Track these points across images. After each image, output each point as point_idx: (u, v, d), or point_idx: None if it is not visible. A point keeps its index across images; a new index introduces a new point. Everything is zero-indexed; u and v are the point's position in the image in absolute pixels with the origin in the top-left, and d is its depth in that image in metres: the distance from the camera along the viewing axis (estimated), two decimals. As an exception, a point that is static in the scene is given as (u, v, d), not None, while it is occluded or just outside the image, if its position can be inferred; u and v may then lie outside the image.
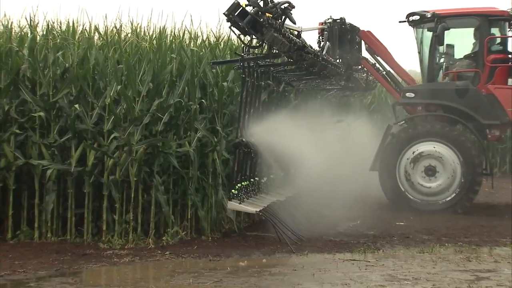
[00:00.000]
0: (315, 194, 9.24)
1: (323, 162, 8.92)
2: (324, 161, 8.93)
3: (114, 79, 7.72)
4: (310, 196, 9.15)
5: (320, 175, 9.07)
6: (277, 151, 8.32)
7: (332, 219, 9.11)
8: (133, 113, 7.65)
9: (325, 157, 8.95)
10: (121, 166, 7.63)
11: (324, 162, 8.93)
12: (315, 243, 7.89)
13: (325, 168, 9.00)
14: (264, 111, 8.37)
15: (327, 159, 9.01)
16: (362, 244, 7.88)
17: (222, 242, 7.90)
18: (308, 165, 8.57)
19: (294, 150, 8.19)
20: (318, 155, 8.63)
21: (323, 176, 9.17)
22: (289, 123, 8.23)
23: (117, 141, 7.66)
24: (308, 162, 8.48)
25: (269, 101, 8.72)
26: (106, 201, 7.67)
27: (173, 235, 7.78)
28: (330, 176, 9.33)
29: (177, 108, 8.04)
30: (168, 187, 7.97)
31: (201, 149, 8.22)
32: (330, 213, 9.37)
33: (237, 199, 7.53)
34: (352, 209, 9.65)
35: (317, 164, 8.73)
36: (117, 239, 7.56)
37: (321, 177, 9.14)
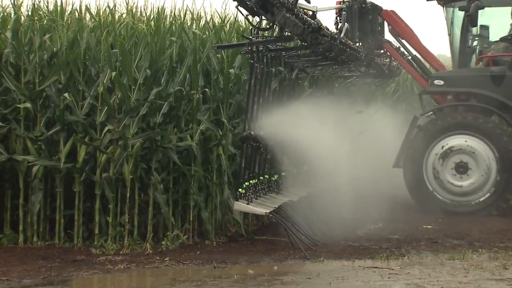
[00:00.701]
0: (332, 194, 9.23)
1: (341, 158, 8.91)
2: (341, 157, 8.92)
3: (108, 65, 7.72)
4: (326, 196, 9.20)
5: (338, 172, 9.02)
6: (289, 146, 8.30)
7: (351, 221, 9.11)
8: (128, 103, 7.64)
9: (343, 153, 8.94)
10: (115, 162, 7.64)
11: (341, 158, 8.92)
12: (332, 248, 7.88)
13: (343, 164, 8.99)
14: (274, 101, 8.38)
15: (345, 154, 9.00)
16: (385, 249, 7.85)
17: (228, 247, 7.90)
18: (324, 162, 8.57)
19: (308, 144, 8.19)
20: (335, 150, 8.62)
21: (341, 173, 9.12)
22: (303, 115, 8.23)
23: (110, 135, 7.66)
24: (324, 158, 8.48)
25: (280, 90, 8.71)
26: (99, 201, 7.67)
27: (173, 239, 7.79)
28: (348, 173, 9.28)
29: (177, 97, 8.03)
30: (168, 186, 7.98)
31: (205, 143, 8.23)
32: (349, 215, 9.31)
33: (245, 199, 7.54)
34: (374, 210, 9.55)
35: (334, 160, 8.72)
36: (111, 243, 7.57)
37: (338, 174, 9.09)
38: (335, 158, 8.70)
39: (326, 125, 8.49)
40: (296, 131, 8.06)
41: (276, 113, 8.07)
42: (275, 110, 8.12)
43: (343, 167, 9.05)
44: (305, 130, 8.09)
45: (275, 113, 8.06)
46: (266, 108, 8.01)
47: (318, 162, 8.62)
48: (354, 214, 9.40)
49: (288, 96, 8.91)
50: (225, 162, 8.17)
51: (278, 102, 8.44)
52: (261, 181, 8.08)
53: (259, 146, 7.81)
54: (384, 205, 10.05)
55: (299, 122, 8.13)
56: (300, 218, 8.15)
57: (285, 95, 8.86)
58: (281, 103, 8.46)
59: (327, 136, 8.40)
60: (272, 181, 8.47)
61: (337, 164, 8.79)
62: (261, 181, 8.08)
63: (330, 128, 8.55)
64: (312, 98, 9.40)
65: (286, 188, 8.83)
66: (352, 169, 9.40)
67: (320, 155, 8.42)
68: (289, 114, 8.13)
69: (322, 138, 8.30)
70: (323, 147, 8.36)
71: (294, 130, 8.06)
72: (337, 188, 9.29)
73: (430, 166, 10.39)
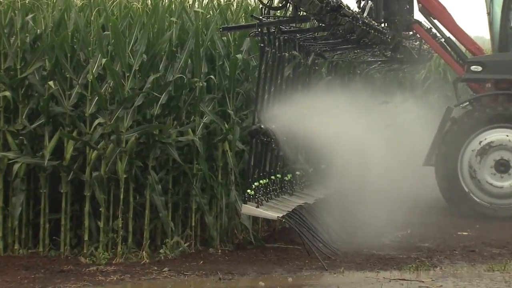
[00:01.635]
0: (353, 196, 9.23)
1: (363, 155, 8.90)
2: (364, 153, 8.91)
3: (98, 50, 7.69)
4: (346, 198, 9.18)
5: (360, 171, 9.03)
6: (304, 141, 8.34)
7: (375, 227, 9.09)
8: (122, 93, 7.63)
9: (366, 149, 8.92)
10: (107, 160, 7.63)
11: (364, 155, 8.91)
12: (353, 258, 7.88)
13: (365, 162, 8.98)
14: (288, 90, 8.36)
15: (368, 151, 8.98)
16: (414, 259, 7.84)
17: (235, 256, 7.91)
18: (344, 159, 8.56)
19: (326, 139, 8.18)
20: (356, 146, 8.60)
21: (364, 172, 9.12)
22: (320, 106, 8.21)
23: (102, 128, 7.65)
24: (344, 155, 8.47)
25: (294, 78, 8.68)
26: (88, 204, 7.67)
27: (172, 247, 7.79)
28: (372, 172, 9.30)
29: (177, 86, 8.03)
30: (167, 186, 7.98)
31: (209, 138, 8.24)
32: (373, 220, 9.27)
33: (254, 202, 7.55)
34: (401, 214, 9.56)
35: (356, 157, 8.71)
36: (103, 252, 7.56)
37: (361, 174, 9.06)
38: (357, 155, 8.69)
39: (346, 118, 8.45)
40: (312, 125, 8.05)
41: (289, 104, 8.07)
42: (289, 100, 8.12)
43: (366, 166, 9.01)
44: (322, 124, 8.08)
45: (289, 104, 8.05)
46: (279, 98, 8.01)
47: (337, 159, 8.61)
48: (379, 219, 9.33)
49: (303, 84, 8.90)
50: (231, 159, 8.16)
51: (292, 91, 8.42)
52: (273, 181, 8.08)
53: (270, 141, 7.79)
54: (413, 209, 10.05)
55: (315, 114, 8.13)
56: (317, 223, 8.14)
57: (300, 83, 8.86)
58: (296, 92, 8.45)
59: (347, 130, 8.38)
60: (285, 181, 8.46)
61: (359, 162, 8.81)
62: (273, 181, 8.08)
63: (350, 121, 8.52)
64: (331, 87, 9.41)
65: (301, 189, 8.85)
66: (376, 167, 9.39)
67: (339, 152, 8.40)
68: (305, 105, 8.12)
69: (342, 133, 8.28)
70: (343, 143, 8.34)
71: (310, 123, 8.05)
72: (359, 189, 9.30)
73: (466, 164, 10.41)
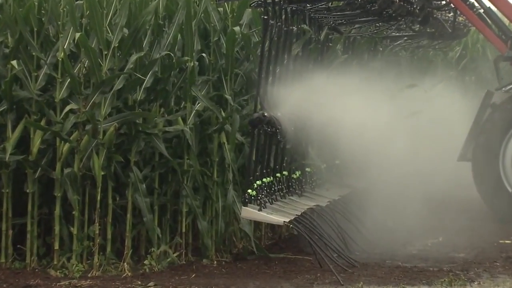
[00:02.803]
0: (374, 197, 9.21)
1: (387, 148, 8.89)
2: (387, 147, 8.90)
3: (71, 23, 7.70)
4: (366, 199, 9.17)
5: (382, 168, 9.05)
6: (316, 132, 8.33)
7: (400, 234, 9.09)
8: (99, 74, 7.65)
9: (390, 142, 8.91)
10: (81, 154, 7.66)
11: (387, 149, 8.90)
12: (374, 270, 7.89)
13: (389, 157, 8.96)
14: (296, 70, 8.37)
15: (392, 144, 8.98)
16: (447, 272, 7.82)
17: (234, 269, 7.94)
18: (363, 153, 8.59)
19: (341, 130, 8.19)
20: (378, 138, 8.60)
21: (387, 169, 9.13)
22: (335, 90, 8.20)
23: (75, 117, 7.67)
24: (363, 148, 8.49)
25: (304, 56, 8.67)
26: (59, 206, 7.67)
27: (159, 257, 7.84)
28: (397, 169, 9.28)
29: (165, 66, 8.05)
30: (152, 186, 8.03)
31: (202, 128, 8.28)
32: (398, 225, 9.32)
33: (256, 204, 7.59)
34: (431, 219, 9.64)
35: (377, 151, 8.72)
36: (76, 263, 7.59)
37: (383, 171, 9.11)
38: (378, 149, 8.72)
39: (366, 105, 8.46)
40: (325, 112, 8.10)
41: (298, 87, 8.10)
42: (297, 83, 8.16)
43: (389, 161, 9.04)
44: (337, 111, 8.11)
45: (297, 88, 8.09)
46: (285, 80, 8.05)
47: (354, 154, 8.63)
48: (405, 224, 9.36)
49: (315, 64, 8.90)
50: (229, 153, 8.20)
51: (301, 72, 8.42)
52: (278, 179, 8.13)
53: (275, 132, 7.83)
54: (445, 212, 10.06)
55: (329, 100, 8.14)
56: (331, 229, 8.17)
57: (311, 63, 8.86)
58: (305, 73, 8.45)
59: (366, 119, 8.40)
60: (292, 179, 8.50)
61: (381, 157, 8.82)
62: (278, 179, 8.13)
63: (370, 108, 8.53)
64: (347, 68, 9.39)
65: (312, 189, 8.88)
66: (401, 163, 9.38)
67: (357, 145, 8.44)
68: (316, 89, 8.14)
69: (360, 122, 8.31)
70: (362, 134, 8.38)
71: (323, 111, 8.09)
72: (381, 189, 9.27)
73: (509, 159, 10.49)
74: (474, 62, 14.89)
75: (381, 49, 11.38)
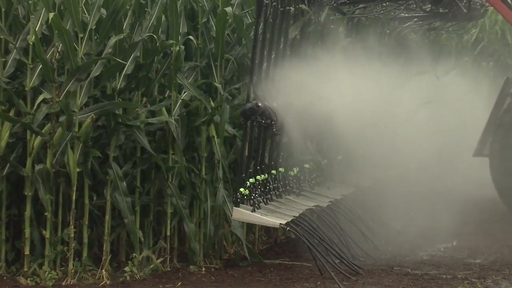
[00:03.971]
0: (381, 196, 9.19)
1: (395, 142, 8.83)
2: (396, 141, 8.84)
3: (43, 2, 7.64)
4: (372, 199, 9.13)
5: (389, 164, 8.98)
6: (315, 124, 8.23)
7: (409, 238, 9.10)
8: (74, 60, 7.58)
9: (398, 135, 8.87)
10: (54, 149, 7.59)
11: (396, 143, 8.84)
12: (380, 278, 7.86)
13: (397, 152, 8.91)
14: (294, 55, 8.28)
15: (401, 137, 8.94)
16: (462, 280, 7.81)
17: (224, 276, 7.90)
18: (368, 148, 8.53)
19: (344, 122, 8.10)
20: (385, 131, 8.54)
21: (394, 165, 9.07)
22: (337, 77, 8.15)
23: (47, 107, 7.61)
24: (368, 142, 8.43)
25: (302, 39, 8.59)
26: (30, 206, 7.61)
27: (141, 263, 7.80)
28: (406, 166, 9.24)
29: (147, 51, 7.99)
30: (134, 184, 7.98)
31: (189, 120, 8.23)
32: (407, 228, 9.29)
33: (249, 204, 7.53)
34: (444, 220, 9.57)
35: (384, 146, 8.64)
36: (49, 270, 7.54)
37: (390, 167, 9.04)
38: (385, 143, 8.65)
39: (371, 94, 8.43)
40: (326, 102, 8.03)
41: (296, 74, 8.00)
42: (295, 70, 8.04)
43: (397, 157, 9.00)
44: (339, 101, 8.03)
45: (295, 75, 7.99)
46: (281, 67, 7.95)
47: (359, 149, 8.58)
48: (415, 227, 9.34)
49: (315, 48, 8.79)
50: (219, 148, 8.17)
51: (300, 57, 8.34)
52: (274, 177, 8.06)
53: (270, 124, 7.77)
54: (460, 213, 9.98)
55: (330, 88, 8.07)
56: (333, 232, 8.15)
57: (310, 47, 8.76)
58: (304, 59, 8.36)
59: (372, 110, 8.35)
60: (289, 177, 8.43)
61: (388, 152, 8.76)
62: (274, 177, 8.06)
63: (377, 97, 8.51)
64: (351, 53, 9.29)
65: (311, 187, 8.82)
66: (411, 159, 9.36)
67: (362, 139, 8.38)
68: (316, 77, 8.06)
69: (365, 113, 8.25)
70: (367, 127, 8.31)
71: (323, 101, 8.03)
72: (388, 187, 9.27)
73: (531, 154, 10.44)
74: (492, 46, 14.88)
75: (388, 32, 11.34)
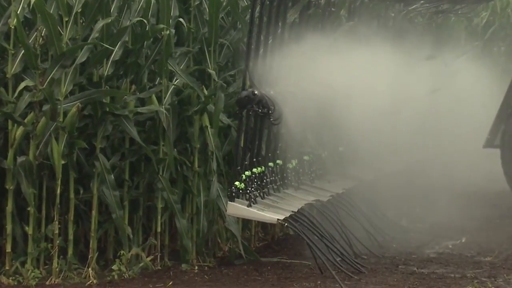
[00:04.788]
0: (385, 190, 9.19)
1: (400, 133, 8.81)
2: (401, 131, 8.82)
3: (25, -17, 7.54)
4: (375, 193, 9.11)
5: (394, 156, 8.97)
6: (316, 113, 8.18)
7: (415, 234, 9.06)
8: (58, 45, 7.57)
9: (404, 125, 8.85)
10: (37, 140, 7.58)
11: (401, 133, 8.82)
12: (384, 277, 7.88)
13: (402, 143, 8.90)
14: (293, 40, 8.28)
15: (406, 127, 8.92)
16: (471, 279, 7.83)
17: (219, 275, 7.92)
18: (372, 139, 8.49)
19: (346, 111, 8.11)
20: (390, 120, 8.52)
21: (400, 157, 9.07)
22: (338, 63, 8.13)
23: (30, 95, 7.60)
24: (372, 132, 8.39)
25: (302, 23, 8.61)
26: (12, 201, 7.60)
27: (130, 262, 7.82)
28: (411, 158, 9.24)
29: (136, 36, 8.02)
30: (122, 177, 7.97)
31: (181, 109, 8.25)
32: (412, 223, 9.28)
33: (245, 199, 7.53)
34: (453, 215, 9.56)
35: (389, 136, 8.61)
36: (32, 268, 7.54)
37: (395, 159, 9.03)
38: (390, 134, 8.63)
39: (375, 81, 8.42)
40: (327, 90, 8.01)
41: (295, 60, 7.98)
42: (294, 55, 8.02)
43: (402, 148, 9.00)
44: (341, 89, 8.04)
45: (294, 61, 7.97)
46: (280, 52, 7.93)
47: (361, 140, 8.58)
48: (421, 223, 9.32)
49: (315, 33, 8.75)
50: (212, 139, 8.17)
51: (299, 42, 8.30)
52: (271, 169, 8.05)
53: (268, 113, 7.76)
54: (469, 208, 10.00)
55: (331, 75, 8.06)
56: (334, 228, 8.13)
57: (310, 31, 8.71)
58: (304, 44, 8.31)
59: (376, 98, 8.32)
60: (288, 169, 8.42)
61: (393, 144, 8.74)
62: (271, 169, 8.05)
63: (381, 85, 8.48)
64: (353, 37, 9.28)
65: (311, 180, 8.81)
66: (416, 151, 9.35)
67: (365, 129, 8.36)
68: (316, 63, 8.05)
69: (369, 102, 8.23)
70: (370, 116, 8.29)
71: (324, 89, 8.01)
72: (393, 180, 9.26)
73: (545, 145, 10.44)
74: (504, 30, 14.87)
75: (393, 15, 11.31)
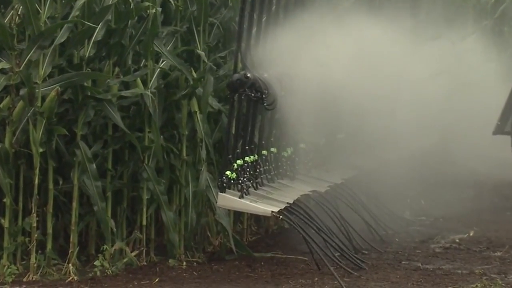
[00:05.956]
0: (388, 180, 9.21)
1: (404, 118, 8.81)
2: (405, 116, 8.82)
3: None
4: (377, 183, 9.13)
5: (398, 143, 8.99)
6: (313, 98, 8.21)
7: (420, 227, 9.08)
8: (36, 24, 7.61)
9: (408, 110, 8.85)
10: (14, 126, 7.63)
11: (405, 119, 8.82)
12: (386, 273, 7.96)
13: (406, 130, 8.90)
14: (288, 19, 8.34)
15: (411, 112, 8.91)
16: (479, 276, 7.91)
17: (208, 271, 8.03)
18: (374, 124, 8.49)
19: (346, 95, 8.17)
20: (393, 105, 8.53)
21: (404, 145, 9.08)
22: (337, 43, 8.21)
23: (6, 78, 7.67)
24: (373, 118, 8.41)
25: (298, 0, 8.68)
26: (-13, 193, 7.47)
27: (114, 257, 7.87)
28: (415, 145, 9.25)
29: (120, 14, 8.11)
30: (105, 166, 8.00)
31: (167, 93, 8.29)
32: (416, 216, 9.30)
33: (237, 190, 7.57)
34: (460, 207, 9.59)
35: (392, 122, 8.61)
36: (8, 264, 7.63)
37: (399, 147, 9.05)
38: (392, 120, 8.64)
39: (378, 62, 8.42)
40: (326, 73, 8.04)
41: (290, 40, 8.00)
42: (289, 35, 8.05)
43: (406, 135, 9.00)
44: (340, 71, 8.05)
45: (289, 41, 7.98)
46: (274, 32, 7.97)
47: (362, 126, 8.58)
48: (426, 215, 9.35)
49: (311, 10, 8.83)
50: (201, 125, 8.21)
51: (294, 21, 8.34)
52: (265, 158, 8.07)
53: (261, 97, 7.77)
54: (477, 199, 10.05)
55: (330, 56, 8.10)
56: (332, 221, 8.16)
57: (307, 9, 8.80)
58: (299, 23, 8.37)
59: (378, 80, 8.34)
60: (283, 158, 8.44)
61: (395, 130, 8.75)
62: (265, 158, 8.07)
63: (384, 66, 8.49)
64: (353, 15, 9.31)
65: (308, 170, 8.87)
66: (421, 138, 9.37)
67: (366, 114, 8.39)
68: (313, 43, 8.07)
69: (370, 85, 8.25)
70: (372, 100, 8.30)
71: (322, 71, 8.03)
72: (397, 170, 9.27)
73: (557, 132, 10.48)
74: (514, 9, 14.89)
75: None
